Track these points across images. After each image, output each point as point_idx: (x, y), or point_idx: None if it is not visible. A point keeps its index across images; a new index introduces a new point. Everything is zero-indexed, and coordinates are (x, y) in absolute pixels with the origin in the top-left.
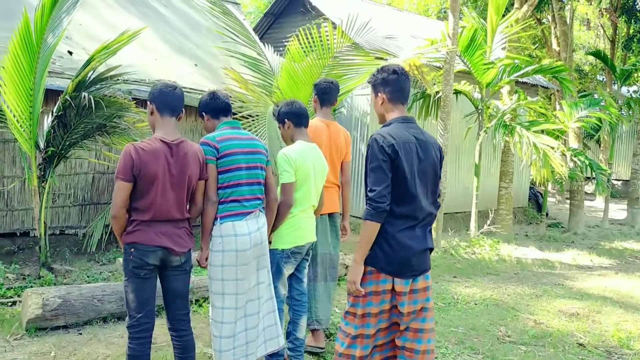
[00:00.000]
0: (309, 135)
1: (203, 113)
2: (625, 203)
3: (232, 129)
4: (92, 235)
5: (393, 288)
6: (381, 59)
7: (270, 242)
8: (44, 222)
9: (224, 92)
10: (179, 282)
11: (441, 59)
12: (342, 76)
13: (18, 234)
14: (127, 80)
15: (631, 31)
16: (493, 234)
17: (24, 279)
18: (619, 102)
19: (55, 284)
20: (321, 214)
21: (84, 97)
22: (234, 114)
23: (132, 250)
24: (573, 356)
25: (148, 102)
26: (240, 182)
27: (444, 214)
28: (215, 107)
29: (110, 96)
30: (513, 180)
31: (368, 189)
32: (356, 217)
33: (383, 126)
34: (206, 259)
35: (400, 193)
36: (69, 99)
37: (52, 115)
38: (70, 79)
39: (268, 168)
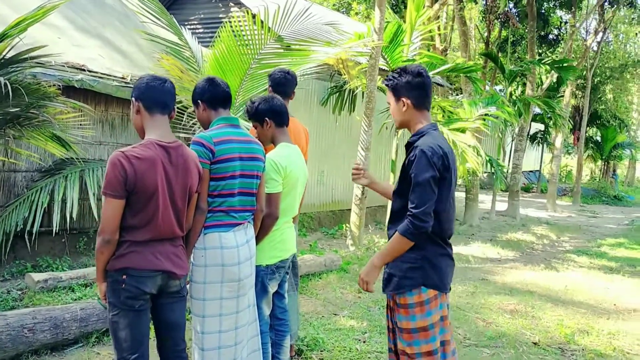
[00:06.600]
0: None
1: (199, 101)
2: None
3: (231, 127)
4: None
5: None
6: (307, 50)
7: None
8: None
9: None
10: (176, 312)
11: (366, 54)
12: (276, 66)
13: None
14: (44, 63)
15: (503, 34)
16: None
17: None
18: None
19: None
20: None
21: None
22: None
23: (124, 277)
24: (534, 356)
25: (132, 99)
26: (233, 191)
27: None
28: (215, 95)
29: (32, 82)
30: None
31: (413, 204)
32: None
33: (414, 135)
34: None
35: (445, 208)
36: None
37: None
38: None
39: (263, 175)
